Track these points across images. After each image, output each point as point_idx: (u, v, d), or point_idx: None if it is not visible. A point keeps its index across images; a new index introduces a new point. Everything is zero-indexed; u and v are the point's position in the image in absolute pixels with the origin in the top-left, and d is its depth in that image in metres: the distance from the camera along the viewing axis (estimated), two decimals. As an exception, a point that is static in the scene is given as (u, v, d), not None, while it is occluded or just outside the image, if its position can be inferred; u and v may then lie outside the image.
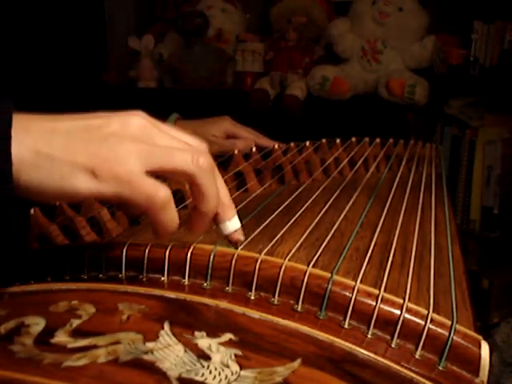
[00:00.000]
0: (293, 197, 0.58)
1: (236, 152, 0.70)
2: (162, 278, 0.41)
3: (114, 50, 2.12)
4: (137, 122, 0.34)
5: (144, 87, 1.86)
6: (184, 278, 0.40)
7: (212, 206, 0.37)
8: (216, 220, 0.40)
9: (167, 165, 0.34)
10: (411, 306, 0.36)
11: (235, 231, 0.40)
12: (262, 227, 0.47)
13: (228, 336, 0.31)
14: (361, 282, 0.38)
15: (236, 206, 0.54)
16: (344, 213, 0.53)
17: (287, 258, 0.40)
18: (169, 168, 0.35)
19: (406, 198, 0.61)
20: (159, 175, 0.35)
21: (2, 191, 0.32)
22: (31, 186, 0.32)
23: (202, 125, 0.82)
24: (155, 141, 0.35)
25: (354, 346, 0.34)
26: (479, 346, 0.35)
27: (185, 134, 0.37)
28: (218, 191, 0.37)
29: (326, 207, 0.54)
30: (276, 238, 0.44)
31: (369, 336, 0.36)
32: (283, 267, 0.38)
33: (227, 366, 0.28)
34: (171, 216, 0.35)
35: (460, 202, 1.70)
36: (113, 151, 0.32)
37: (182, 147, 0.35)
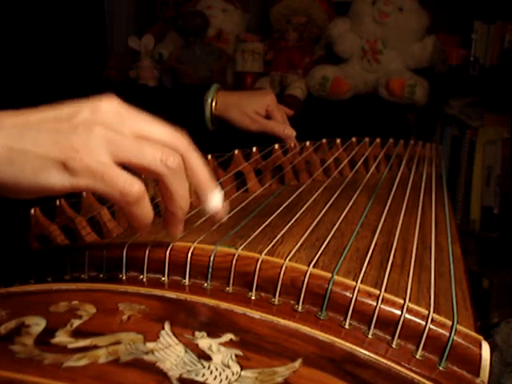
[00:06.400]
0: (293, 197, 0.58)
1: (236, 152, 0.70)
2: (163, 278, 0.41)
3: (114, 50, 2.12)
4: (107, 107, 0.33)
5: (144, 87, 1.86)
6: (184, 279, 0.40)
7: (181, 206, 0.37)
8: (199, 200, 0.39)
9: (136, 160, 0.34)
10: (412, 306, 0.36)
11: (216, 211, 0.39)
12: (262, 227, 0.47)
13: (228, 336, 0.31)
14: (361, 282, 0.38)
15: (236, 206, 0.54)
16: (344, 213, 0.53)
17: (288, 259, 0.40)
18: (137, 163, 0.34)
19: (406, 198, 0.61)
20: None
21: None
22: (7, 183, 0.32)
23: (245, 98, 0.79)
24: (127, 129, 0.34)
25: (354, 347, 0.33)
26: (480, 347, 0.35)
27: (160, 124, 0.36)
28: (186, 191, 0.36)
29: (327, 207, 0.54)
30: (276, 238, 0.44)
31: (369, 336, 0.36)
32: (284, 267, 0.38)
33: (228, 367, 0.28)
34: (145, 210, 0.35)
35: (460, 202, 1.70)
36: (83, 141, 0.32)
37: (153, 144, 0.35)
